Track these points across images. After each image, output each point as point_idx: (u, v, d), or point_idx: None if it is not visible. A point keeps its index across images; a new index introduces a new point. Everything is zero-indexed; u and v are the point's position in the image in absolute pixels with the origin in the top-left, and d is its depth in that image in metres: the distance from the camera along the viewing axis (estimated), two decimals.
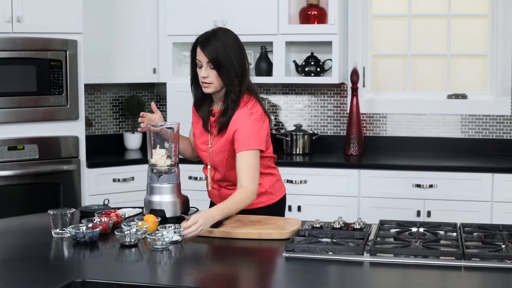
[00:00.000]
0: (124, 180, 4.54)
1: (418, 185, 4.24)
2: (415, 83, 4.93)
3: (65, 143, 4.33)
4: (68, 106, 4.32)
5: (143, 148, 4.97)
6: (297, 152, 4.72)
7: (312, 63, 4.74)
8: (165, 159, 2.84)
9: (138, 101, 5.02)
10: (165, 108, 4.95)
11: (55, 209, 2.69)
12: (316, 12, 4.66)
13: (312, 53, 4.78)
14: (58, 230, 2.64)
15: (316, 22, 4.66)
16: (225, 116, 2.86)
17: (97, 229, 2.58)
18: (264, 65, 4.81)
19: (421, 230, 2.63)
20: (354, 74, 4.66)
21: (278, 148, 4.46)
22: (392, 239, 2.53)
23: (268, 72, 4.79)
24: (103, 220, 2.69)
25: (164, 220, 2.76)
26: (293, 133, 4.73)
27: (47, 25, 4.23)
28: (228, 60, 2.80)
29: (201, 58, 2.82)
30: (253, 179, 2.78)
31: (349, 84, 4.77)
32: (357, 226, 2.65)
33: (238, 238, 2.61)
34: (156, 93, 5.26)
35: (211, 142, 2.93)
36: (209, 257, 2.54)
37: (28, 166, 4.21)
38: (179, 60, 4.93)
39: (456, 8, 4.79)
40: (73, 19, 4.31)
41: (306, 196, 4.37)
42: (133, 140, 5.04)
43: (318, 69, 4.74)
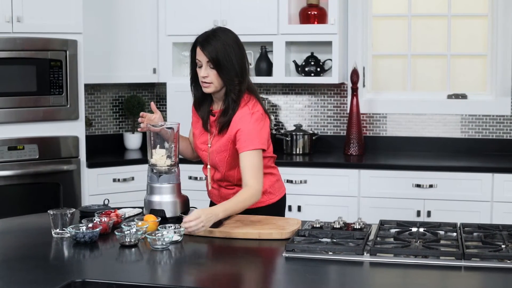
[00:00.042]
0: (124, 180, 4.54)
1: (418, 185, 4.24)
2: (415, 83, 4.93)
3: (65, 143, 4.33)
4: (68, 106, 4.32)
5: (143, 148, 4.97)
6: (297, 152, 4.72)
7: (312, 63, 4.74)
8: (165, 159, 2.84)
9: (138, 101, 5.02)
10: (165, 108, 4.95)
11: (55, 209, 2.69)
12: (316, 12, 4.66)
13: (312, 53, 4.78)
14: (58, 230, 2.64)
15: (316, 22, 4.66)
16: (226, 116, 2.86)
17: (97, 229, 2.58)
18: (264, 65, 4.81)
19: (421, 230, 2.63)
20: (354, 74, 4.66)
21: (278, 148, 4.46)
22: (392, 239, 2.53)
23: (268, 72, 4.79)
24: (103, 220, 2.69)
25: (164, 220, 2.75)
26: (293, 133, 4.73)
27: (47, 25, 4.23)
28: (228, 60, 2.80)
29: (201, 58, 2.82)
30: (258, 179, 2.78)
31: (349, 84, 4.77)
32: (357, 226, 2.65)
33: (238, 238, 2.61)
34: (156, 93, 5.26)
35: (211, 142, 2.93)
36: (209, 257, 2.54)
37: (28, 166, 4.21)
38: (179, 60, 4.93)
39: (456, 8, 4.79)
40: (73, 19, 4.31)
41: (306, 196, 4.37)
42: (133, 140, 5.04)
43: (318, 69, 4.74)
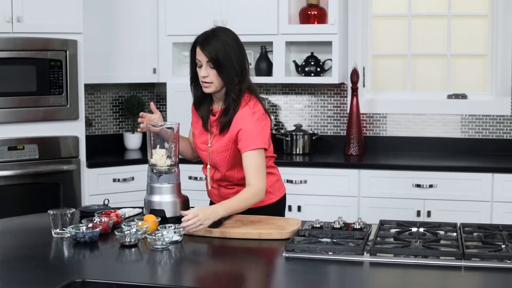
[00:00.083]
0: (124, 180, 4.54)
1: (418, 185, 4.24)
2: (415, 83, 4.93)
3: (65, 143, 4.33)
4: (68, 106, 4.32)
5: (143, 148, 4.97)
6: (297, 152, 4.71)
7: (312, 63, 4.74)
8: (165, 159, 2.84)
9: (138, 101, 5.02)
10: (165, 108, 4.95)
11: (55, 209, 2.69)
12: (316, 12, 4.66)
13: (312, 53, 4.78)
14: (58, 230, 2.64)
15: (316, 22, 4.66)
16: (227, 116, 2.85)
17: (97, 229, 2.58)
18: (264, 65, 4.81)
19: (421, 230, 2.63)
20: (354, 74, 4.66)
21: (278, 148, 4.45)
22: (392, 239, 2.53)
23: (268, 72, 4.79)
24: (103, 220, 2.69)
25: (164, 220, 2.75)
26: (293, 133, 4.73)
27: (47, 25, 4.23)
28: (228, 59, 2.80)
29: (201, 58, 2.82)
30: (261, 178, 2.78)
31: (349, 84, 4.77)
32: (357, 226, 2.65)
33: (238, 238, 2.61)
34: (156, 93, 5.26)
35: (211, 142, 2.93)
36: (209, 257, 2.54)
37: (28, 166, 4.21)
38: (179, 60, 4.93)
39: (456, 8, 4.79)
40: (73, 19, 4.31)
41: (306, 196, 4.37)
42: (133, 140, 5.04)
43: (318, 69, 4.74)
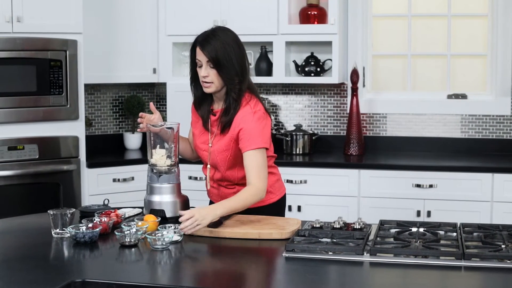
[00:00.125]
0: (124, 180, 4.54)
1: (418, 185, 4.24)
2: (415, 83, 4.93)
3: (65, 143, 4.33)
4: (68, 106, 4.32)
5: (143, 148, 4.97)
6: (297, 152, 4.71)
7: (312, 63, 4.74)
8: (165, 159, 2.84)
9: (138, 101, 5.02)
10: (165, 108, 4.95)
11: (55, 209, 2.69)
12: (316, 12, 4.66)
13: (312, 53, 4.78)
14: (58, 230, 2.64)
15: (316, 22, 4.66)
16: (228, 115, 2.85)
17: (97, 229, 2.58)
18: (264, 65, 4.81)
19: (421, 230, 2.63)
20: (354, 74, 4.66)
21: (278, 148, 4.45)
22: (392, 239, 2.53)
23: (268, 72, 4.79)
24: (103, 220, 2.69)
25: (164, 220, 2.75)
26: (293, 133, 4.73)
27: (47, 25, 4.23)
28: (228, 59, 2.80)
29: (201, 58, 2.82)
30: (262, 177, 2.78)
31: (349, 84, 4.77)
32: (357, 226, 2.65)
33: (238, 238, 2.61)
34: (156, 93, 5.26)
35: (212, 141, 2.93)
36: (209, 257, 2.54)
37: (28, 166, 4.21)
38: (179, 60, 4.93)
39: (456, 8, 4.79)
40: (73, 19, 4.31)
41: (306, 196, 4.37)
42: (133, 140, 5.04)
43: (318, 69, 4.73)
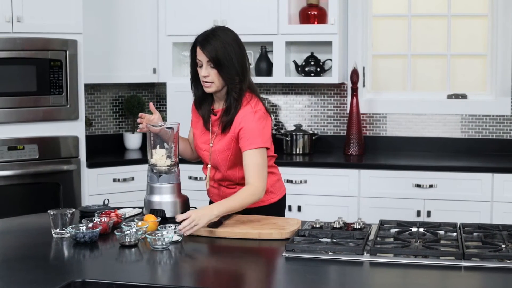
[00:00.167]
0: (124, 180, 4.54)
1: (418, 185, 4.24)
2: (415, 83, 4.93)
3: (65, 143, 4.33)
4: (68, 106, 4.32)
5: (143, 148, 4.97)
6: (297, 152, 4.71)
7: (312, 63, 4.74)
8: (165, 159, 2.84)
9: (138, 101, 5.02)
10: (165, 108, 4.95)
11: (55, 209, 2.69)
12: (316, 12, 4.66)
13: (312, 53, 4.78)
14: (58, 230, 2.64)
15: (316, 22, 4.66)
16: (229, 115, 2.85)
17: (97, 229, 2.58)
18: (264, 65, 4.81)
19: (421, 230, 2.63)
20: (354, 74, 4.66)
21: (278, 148, 4.45)
22: (392, 239, 2.53)
23: (268, 72, 4.79)
24: (103, 220, 2.69)
25: (164, 220, 2.75)
26: (293, 133, 4.73)
27: (47, 25, 4.23)
28: (228, 59, 2.80)
29: (201, 58, 2.82)
30: (260, 177, 2.78)
31: (349, 84, 4.77)
32: (357, 226, 2.65)
33: (238, 238, 2.61)
34: (156, 93, 5.26)
35: (213, 141, 2.93)
36: (209, 257, 2.54)
37: (28, 166, 4.21)
38: (179, 60, 4.93)
39: (456, 8, 4.79)
40: (73, 19, 4.31)
41: (306, 196, 4.37)
42: (133, 140, 5.04)
43: (318, 69, 4.73)
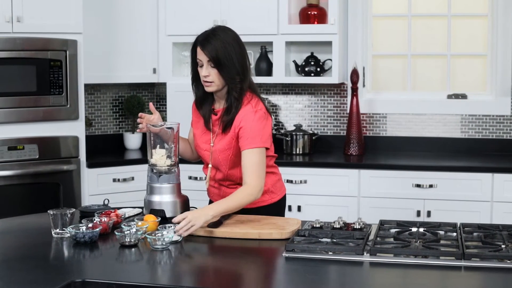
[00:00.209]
0: (124, 180, 4.54)
1: (418, 185, 4.24)
2: (415, 83, 4.93)
3: (65, 143, 4.33)
4: (68, 106, 4.32)
5: (143, 148, 4.97)
6: (297, 152, 4.71)
7: (312, 63, 4.74)
8: (165, 159, 2.84)
9: (138, 101, 5.02)
10: (165, 108, 4.95)
11: (55, 209, 2.69)
12: (316, 12, 4.66)
13: (312, 53, 4.78)
14: (58, 230, 2.64)
15: (316, 22, 4.66)
16: (229, 114, 2.86)
17: (97, 229, 2.58)
18: (264, 65, 4.81)
19: (421, 230, 2.63)
20: (354, 74, 4.66)
21: (278, 148, 4.45)
22: (392, 239, 2.53)
23: (268, 72, 4.79)
24: (103, 220, 2.69)
25: (164, 220, 2.75)
26: (293, 133, 4.73)
27: (47, 25, 4.23)
28: (229, 58, 2.80)
29: (202, 57, 2.82)
30: (258, 177, 2.78)
31: (349, 84, 4.77)
32: (357, 226, 2.65)
33: (238, 238, 2.61)
34: (156, 93, 5.26)
35: (214, 141, 2.93)
36: (209, 257, 2.54)
37: (28, 166, 4.21)
38: (179, 60, 4.93)
39: (456, 8, 4.79)
40: (73, 19, 4.31)
41: (306, 196, 4.37)
42: (133, 140, 5.04)
43: (318, 69, 4.73)
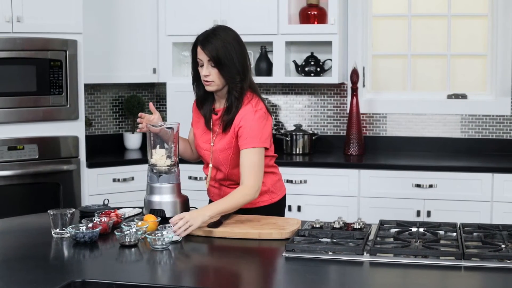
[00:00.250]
0: (124, 180, 4.54)
1: (418, 185, 4.24)
2: (415, 83, 4.93)
3: (65, 143, 4.33)
4: (68, 106, 4.32)
5: (143, 148, 4.97)
6: (297, 152, 4.71)
7: (312, 63, 4.74)
8: (165, 159, 2.84)
9: (138, 101, 5.02)
10: (165, 108, 4.95)
11: (55, 209, 2.69)
12: (316, 12, 4.66)
13: (312, 53, 4.78)
14: (58, 230, 2.64)
15: (316, 22, 4.66)
16: (230, 114, 2.86)
17: (97, 229, 2.58)
18: (264, 65, 4.81)
19: (421, 230, 2.63)
20: (354, 74, 4.66)
21: (278, 148, 4.45)
22: (392, 239, 2.53)
23: (268, 72, 4.79)
24: (103, 220, 2.69)
25: (164, 220, 2.75)
26: (293, 133, 4.73)
27: (47, 25, 4.23)
28: (229, 58, 2.80)
29: (202, 57, 2.82)
30: (256, 177, 2.78)
31: (349, 84, 4.77)
32: (357, 226, 2.65)
33: (238, 238, 2.61)
34: (156, 93, 5.26)
35: (214, 141, 2.93)
36: (209, 257, 2.54)
37: (28, 166, 4.21)
38: (179, 60, 4.93)
39: (456, 8, 4.79)
40: (73, 19, 4.31)
41: (306, 196, 4.37)
42: (133, 140, 5.04)
43: (318, 69, 4.73)
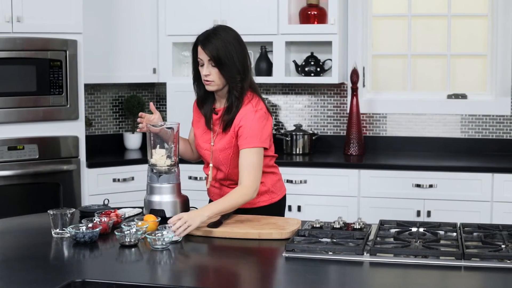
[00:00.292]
0: (124, 180, 4.54)
1: (418, 185, 4.24)
2: (415, 83, 4.93)
3: (65, 143, 4.33)
4: (68, 106, 4.32)
5: (143, 148, 4.97)
6: (297, 152, 4.71)
7: (312, 63, 4.74)
8: (165, 159, 2.84)
9: (138, 101, 5.02)
10: (165, 108, 4.95)
11: (55, 209, 2.69)
12: (316, 12, 4.66)
13: (312, 53, 4.78)
14: (58, 230, 2.64)
15: (316, 22, 4.66)
16: (230, 114, 2.86)
17: (97, 229, 2.58)
18: (264, 65, 4.81)
19: (421, 230, 2.63)
20: (354, 74, 4.66)
21: (278, 148, 4.45)
22: (392, 239, 2.53)
23: (268, 72, 4.79)
24: (103, 220, 2.69)
25: (164, 220, 2.75)
26: (293, 133, 4.73)
27: (47, 25, 4.23)
28: (229, 57, 2.80)
29: (202, 57, 2.82)
30: (254, 177, 2.78)
31: (349, 84, 4.77)
32: (357, 226, 2.65)
33: (238, 238, 2.61)
34: (156, 93, 5.26)
35: (214, 140, 2.93)
36: (209, 257, 2.54)
37: (28, 166, 4.21)
38: (179, 60, 4.93)
39: (456, 8, 4.79)
40: (73, 19, 4.31)
41: (306, 196, 4.37)
42: (133, 140, 5.04)
43: (318, 69, 4.73)
